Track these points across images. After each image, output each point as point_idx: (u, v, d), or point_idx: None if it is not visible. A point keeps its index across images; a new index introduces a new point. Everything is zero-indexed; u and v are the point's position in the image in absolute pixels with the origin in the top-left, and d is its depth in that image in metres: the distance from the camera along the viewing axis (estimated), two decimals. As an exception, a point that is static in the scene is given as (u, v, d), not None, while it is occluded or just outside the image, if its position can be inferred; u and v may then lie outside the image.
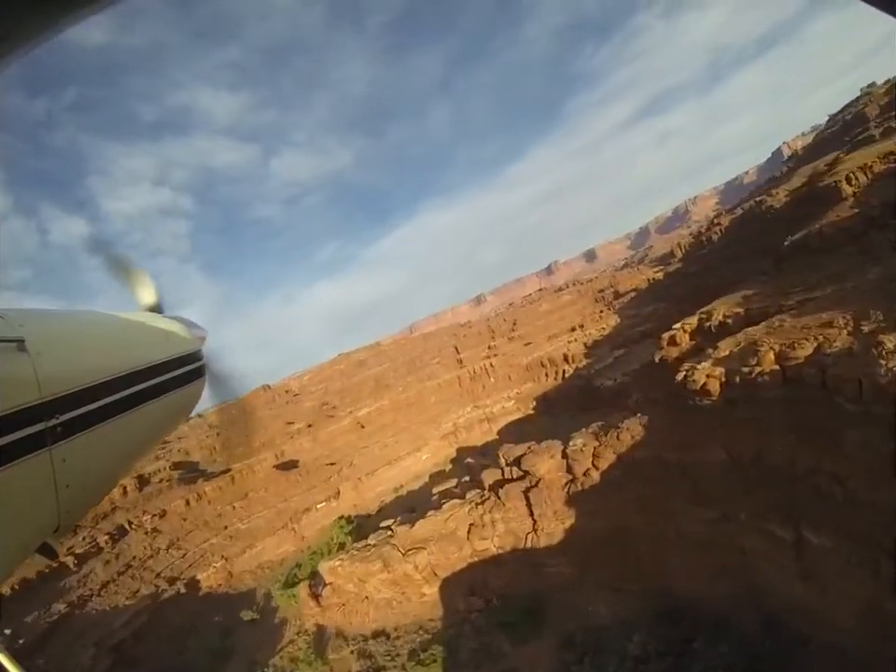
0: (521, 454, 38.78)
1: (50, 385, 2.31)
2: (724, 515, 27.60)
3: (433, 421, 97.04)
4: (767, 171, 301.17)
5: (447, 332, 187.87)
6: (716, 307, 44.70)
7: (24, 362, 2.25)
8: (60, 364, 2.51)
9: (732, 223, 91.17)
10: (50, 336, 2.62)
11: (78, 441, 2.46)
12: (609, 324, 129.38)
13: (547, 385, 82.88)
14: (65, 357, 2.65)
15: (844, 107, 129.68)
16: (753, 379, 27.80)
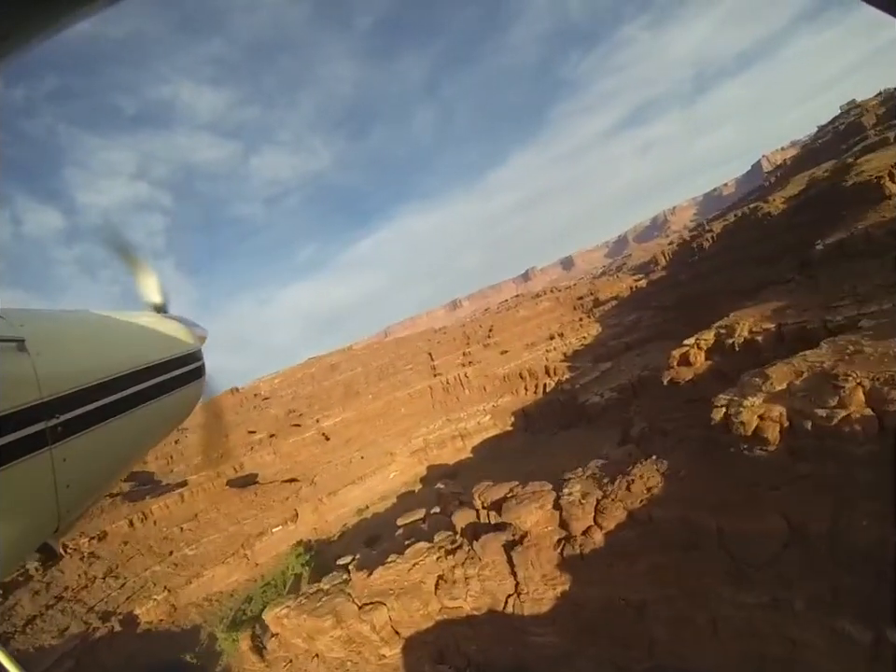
0: (501, 496, 31.59)
1: (51, 384, 2.30)
2: (774, 601, 21.11)
3: (403, 435, 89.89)
4: (746, 183, 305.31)
5: (421, 337, 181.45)
6: (737, 320, 38.50)
7: (24, 362, 2.24)
8: (60, 364, 2.51)
9: (724, 230, 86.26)
10: (51, 336, 2.61)
11: (79, 440, 2.44)
12: (589, 333, 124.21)
13: (526, 399, 76.69)
14: (66, 356, 2.65)
15: (833, 119, 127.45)
16: (835, 427, 21.62)
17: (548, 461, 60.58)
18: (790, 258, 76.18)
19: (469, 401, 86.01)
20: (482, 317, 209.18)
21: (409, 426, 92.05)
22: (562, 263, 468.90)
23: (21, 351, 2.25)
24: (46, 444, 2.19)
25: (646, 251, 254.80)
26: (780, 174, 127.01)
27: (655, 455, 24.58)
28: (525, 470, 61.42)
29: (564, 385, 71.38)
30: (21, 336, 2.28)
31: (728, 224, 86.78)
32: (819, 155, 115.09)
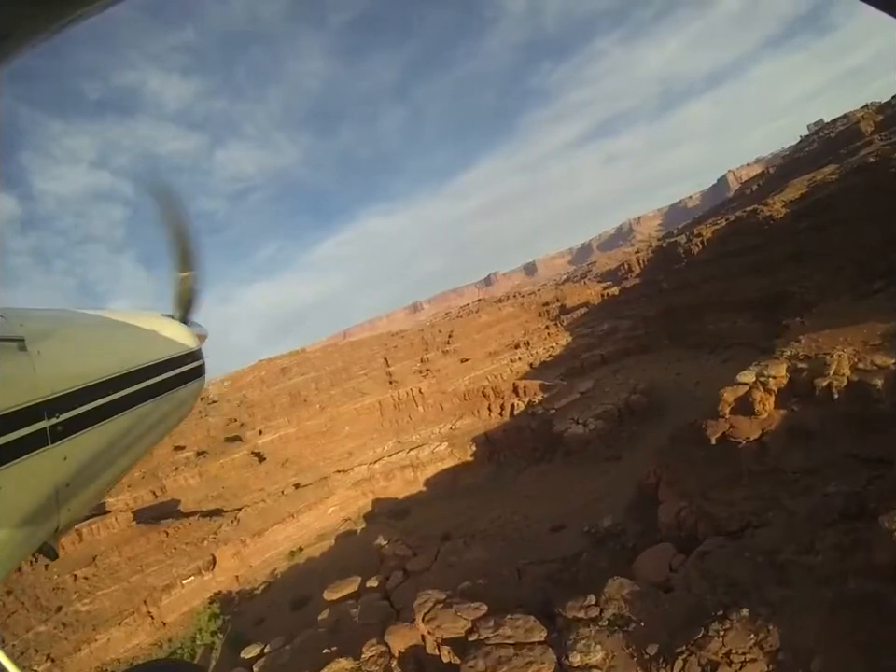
0: (459, 633, 18.84)
1: (51, 383, 2.29)
2: None
3: (347, 458, 76.95)
4: (712, 196, 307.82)
5: (377, 341, 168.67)
6: (821, 347, 26.48)
7: (24, 362, 2.23)
8: (60, 363, 2.50)
9: (715, 235, 76.60)
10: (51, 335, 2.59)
11: (79, 439, 2.42)
12: (559, 342, 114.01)
13: (490, 423, 65.17)
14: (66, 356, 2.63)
15: (815, 132, 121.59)
16: None
17: (519, 504, 48.94)
18: (793, 266, 67.05)
19: (424, 421, 73.76)
20: (441, 322, 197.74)
21: (354, 447, 79.06)
22: (525, 269, 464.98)
23: (21, 350, 2.24)
24: (46, 443, 2.18)
25: (611, 259, 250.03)
26: (763, 181, 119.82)
27: (745, 608, 13.13)
28: (491, 515, 49.49)
29: (536, 407, 60.10)
30: (21, 335, 2.27)
31: (720, 229, 77.28)
32: (803, 163, 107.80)
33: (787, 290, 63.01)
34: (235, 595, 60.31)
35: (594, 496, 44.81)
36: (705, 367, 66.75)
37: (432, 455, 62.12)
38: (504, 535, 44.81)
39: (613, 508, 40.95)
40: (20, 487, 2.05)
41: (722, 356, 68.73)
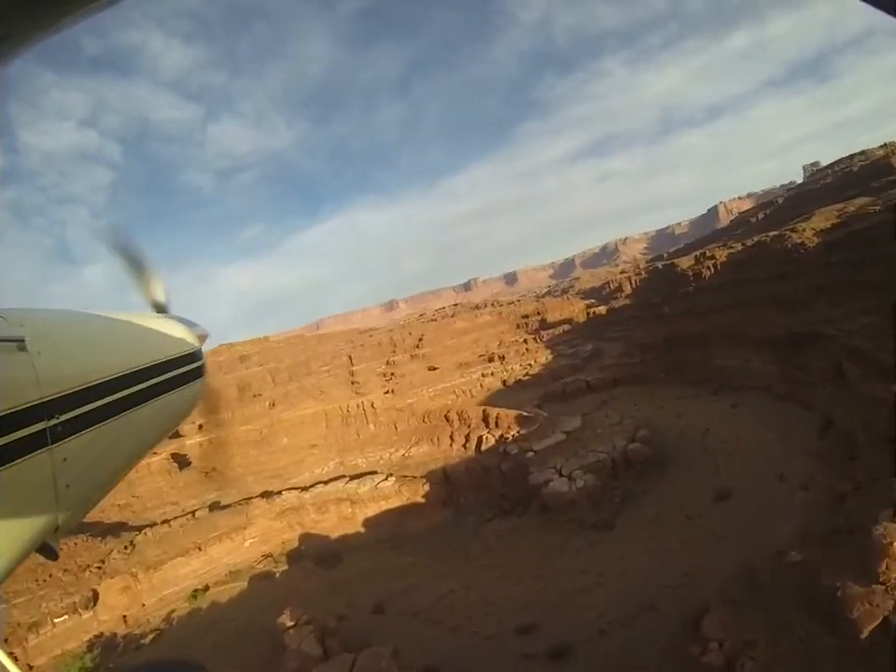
0: None
1: (51, 384, 2.28)
2: None
3: (279, 476, 64.09)
4: (701, 225, 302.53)
5: (344, 337, 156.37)
6: None
7: (24, 362, 2.22)
8: (60, 364, 2.50)
9: (731, 260, 66.04)
10: (51, 336, 2.62)
11: (79, 440, 2.42)
12: (537, 360, 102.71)
13: (451, 455, 52.86)
14: (66, 356, 2.64)
15: (830, 164, 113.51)
16: None
17: (478, 577, 37.14)
18: (824, 303, 56.81)
19: (374, 441, 61.33)
20: (414, 323, 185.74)
21: (289, 463, 66.23)
22: (505, 278, 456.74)
23: (22, 351, 2.23)
24: (46, 444, 2.17)
25: (595, 277, 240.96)
26: (770, 210, 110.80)
27: None
28: (440, 589, 37.47)
29: (509, 445, 47.96)
30: (21, 336, 2.26)
31: (736, 252, 66.75)
32: (820, 194, 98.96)
33: (818, 331, 52.61)
34: (121, 641, 47.32)
35: (578, 581, 33.07)
36: (711, 411, 55.95)
37: (375, 491, 49.62)
38: (453, 623, 32.75)
39: (607, 610, 29.23)
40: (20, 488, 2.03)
41: (729, 398, 58.08)
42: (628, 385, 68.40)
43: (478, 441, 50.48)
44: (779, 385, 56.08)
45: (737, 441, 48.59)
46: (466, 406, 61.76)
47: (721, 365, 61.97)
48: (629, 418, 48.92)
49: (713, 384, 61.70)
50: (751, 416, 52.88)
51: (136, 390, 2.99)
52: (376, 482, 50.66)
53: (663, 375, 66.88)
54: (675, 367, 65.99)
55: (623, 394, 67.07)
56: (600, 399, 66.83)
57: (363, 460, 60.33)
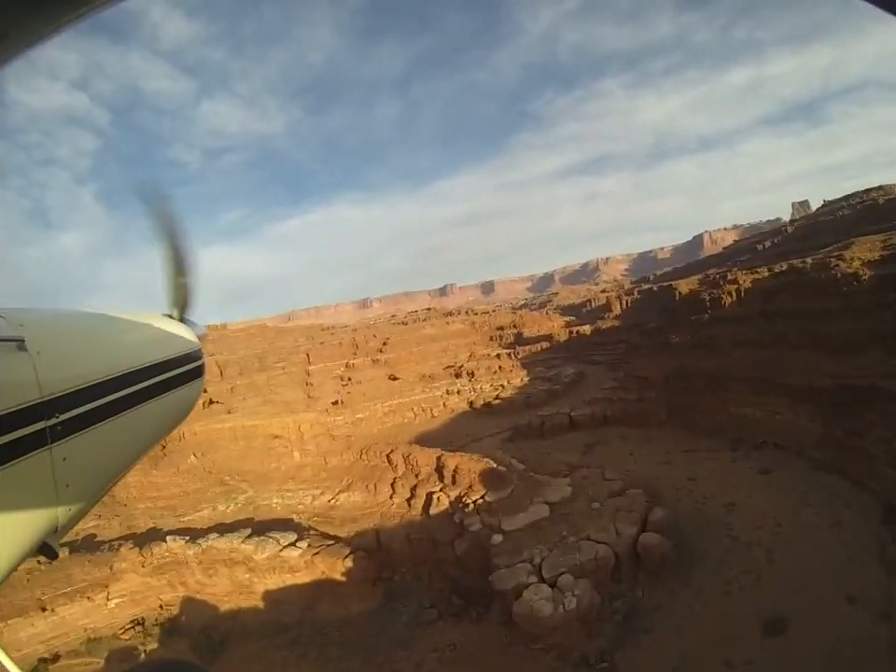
0: None
1: (51, 384, 2.25)
2: None
3: (169, 510, 49.03)
4: (686, 251, 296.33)
5: (305, 333, 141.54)
6: None
7: (24, 362, 2.19)
8: (60, 363, 2.46)
9: (757, 286, 53.50)
10: (51, 335, 2.58)
11: (79, 440, 2.38)
12: (510, 381, 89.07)
13: (389, 511, 37.80)
14: (66, 356, 2.60)
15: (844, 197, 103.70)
16: None
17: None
18: (881, 352, 44.52)
19: (296, 476, 46.41)
20: (381, 324, 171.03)
21: (188, 492, 51.22)
22: (482, 286, 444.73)
23: (21, 350, 2.20)
24: (46, 444, 2.14)
25: (574, 293, 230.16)
26: (779, 239, 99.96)
27: None
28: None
29: (469, 516, 33.24)
30: (21, 336, 2.22)
31: (762, 279, 54.22)
32: (835, 228, 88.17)
33: (877, 385, 40.29)
34: None
35: None
36: (733, 475, 42.96)
37: (278, 559, 34.75)
38: None
39: None
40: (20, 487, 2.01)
41: (754, 460, 45.26)
42: (621, 426, 55.20)
43: (427, 499, 36.26)
44: (819, 450, 43.45)
45: (777, 527, 35.53)
46: (422, 430, 47.44)
47: (740, 414, 49.19)
48: (635, 489, 35.09)
49: (728, 436, 48.88)
50: (788, 490, 40.06)
51: (136, 389, 2.92)
52: (282, 545, 35.75)
53: (664, 417, 53.88)
54: (680, 409, 53.02)
55: (615, 436, 53.84)
56: (586, 441, 53.47)
57: (279, 501, 45.48)
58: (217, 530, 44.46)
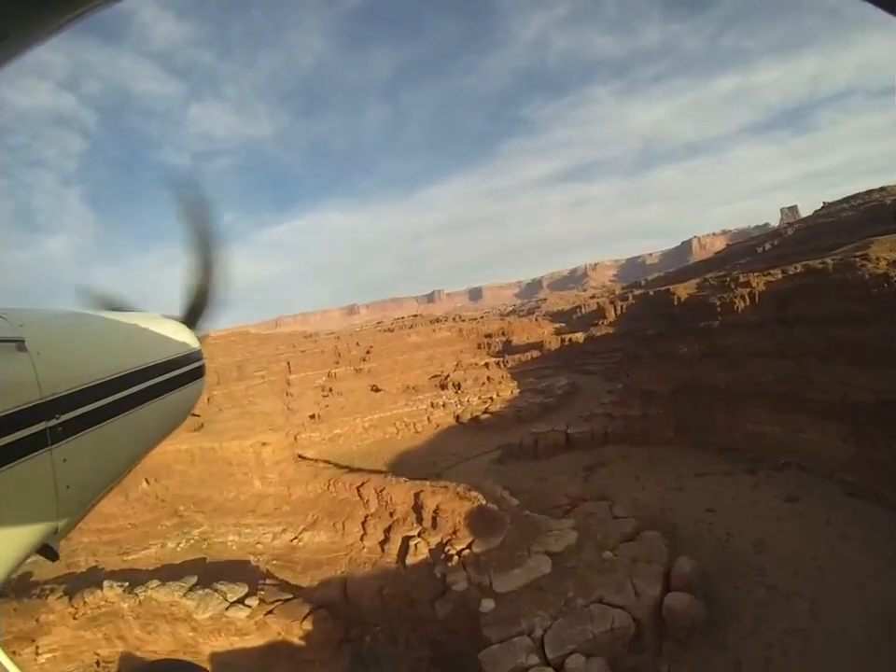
0: None
1: (51, 384, 2.25)
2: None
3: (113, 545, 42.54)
4: (675, 256, 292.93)
5: (287, 341, 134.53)
6: None
7: (24, 362, 2.18)
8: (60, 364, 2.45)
9: (771, 289, 48.40)
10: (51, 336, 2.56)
11: (79, 440, 2.37)
12: (500, 393, 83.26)
13: (359, 556, 31.18)
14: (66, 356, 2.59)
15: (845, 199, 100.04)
16: None
17: None
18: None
19: (255, 508, 39.87)
20: (364, 332, 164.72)
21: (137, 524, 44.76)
22: (470, 293, 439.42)
23: (21, 351, 2.19)
24: (46, 445, 2.13)
25: (563, 299, 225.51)
26: (777, 241, 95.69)
27: None
28: None
29: (452, 567, 27.37)
30: (21, 336, 2.22)
31: (776, 281, 49.07)
32: (839, 229, 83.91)
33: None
34: None
35: None
36: (757, 504, 37.42)
37: (223, 620, 28.27)
38: None
39: None
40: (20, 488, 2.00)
41: (778, 485, 39.79)
42: (623, 444, 49.54)
43: (403, 545, 30.22)
44: (851, 472, 38.03)
45: (817, 570, 29.89)
46: (404, 448, 41.32)
47: (758, 431, 43.80)
48: (651, 530, 29.32)
49: (745, 456, 43.44)
50: (822, 521, 34.55)
51: (136, 390, 2.90)
52: (229, 601, 29.27)
53: (671, 434, 48.32)
54: (689, 426, 47.54)
55: (617, 457, 48.16)
56: (585, 463, 47.74)
57: (235, 539, 39.10)
58: (161, 574, 38.03)
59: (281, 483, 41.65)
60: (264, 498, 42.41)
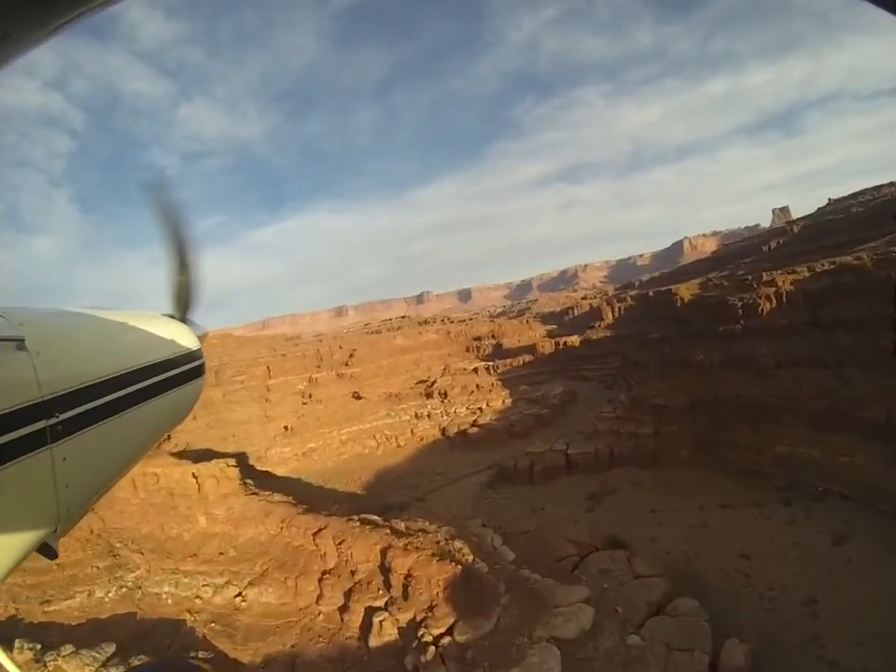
0: None
1: (50, 383, 2.21)
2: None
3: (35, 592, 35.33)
4: (665, 258, 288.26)
5: (268, 344, 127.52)
6: None
7: (24, 361, 2.15)
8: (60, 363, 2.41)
9: (800, 288, 42.40)
10: (51, 335, 2.53)
11: (79, 439, 2.33)
12: (490, 402, 76.34)
13: (314, 624, 23.89)
14: (66, 355, 2.55)
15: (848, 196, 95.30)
16: None
17: None
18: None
19: (200, 548, 32.82)
20: (349, 335, 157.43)
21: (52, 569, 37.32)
22: (459, 294, 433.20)
23: (21, 350, 2.17)
24: (45, 443, 2.11)
25: (553, 300, 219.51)
26: (784, 240, 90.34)
27: None
28: None
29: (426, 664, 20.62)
30: (21, 335, 2.20)
31: (803, 279, 42.98)
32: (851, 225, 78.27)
33: None
34: None
35: None
36: (796, 542, 31.25)
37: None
38: None
39: None
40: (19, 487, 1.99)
41: (819, 518, 33.51)
42: (632, 467, 43.18)
43: (366, 618, 23.37)
44: (907, 506, 32.06)
45: (878, 637, 23.69)
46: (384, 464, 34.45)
47: (790, 454, 37.60)
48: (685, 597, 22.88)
49: (774, 483, 37.21)
50: (881, 570, 28.32)
51: (136, 389, 2.89)
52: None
53: (686, 455, 42.04)
54: (708, 446, 41.29)
55: (626, 482, 41.79)
56: (589, 490, 41.31)
57: (171, 590, 32.04)
58: (82, 633, 31.30)
59: (228, 520, 34.70)
60: (209, 539, 35.39)
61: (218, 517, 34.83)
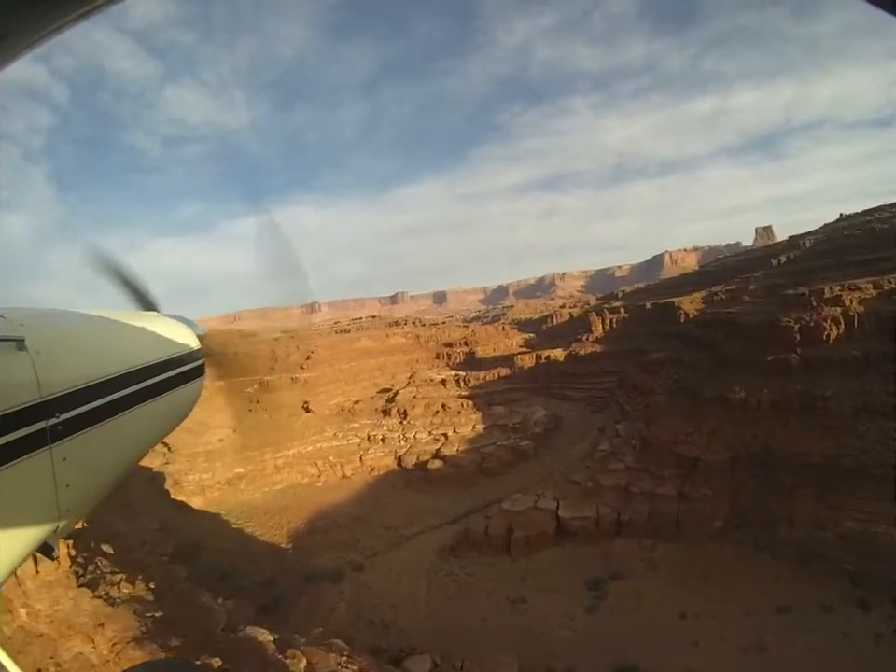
0: None
1: (50, 384, 2.23)
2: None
3: None
4: (645, 270, 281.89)
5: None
6: None
7: (24, 361, 2.17)
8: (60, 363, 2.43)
9: (871, 310, 31.63)
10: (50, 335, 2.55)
11: (79, 439, 2.36)
12: (458, 428, 62.96)
13: None
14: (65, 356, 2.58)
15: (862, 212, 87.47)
16: None
17: None
18: None
19: None
20: (312, 335, 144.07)
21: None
22: (434, 296, 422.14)
23: (21, 350, 2.18)
24: (46, 444, 2.11)
25: (530, 307, 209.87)
26: (797, 253, 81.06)
27: None
28: None
29: None
30: (21, 336, 2.21)
31: (869, 298, 32.36)
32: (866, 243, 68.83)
33: None
34: None
35: None
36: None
37: None
38: None
39: None
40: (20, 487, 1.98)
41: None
42: (642, 538, 32.08)
43: None
44: None
45: None
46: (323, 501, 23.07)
47: (862, 532, 26.97)
48: None
49: (841, 567, 26.56)
50: None
51: (136, 389, 2.88)
52: None
53: (719, 525, 30.97)
54: (749, 515, 30.28)
55: (637, 561, 30.61)
56: (589, 574, 29.97)
57: None
58: None
59: (52, 624, 22.10)
60: (26, 647, 22.69)
61: (41, 615, 22.43)
